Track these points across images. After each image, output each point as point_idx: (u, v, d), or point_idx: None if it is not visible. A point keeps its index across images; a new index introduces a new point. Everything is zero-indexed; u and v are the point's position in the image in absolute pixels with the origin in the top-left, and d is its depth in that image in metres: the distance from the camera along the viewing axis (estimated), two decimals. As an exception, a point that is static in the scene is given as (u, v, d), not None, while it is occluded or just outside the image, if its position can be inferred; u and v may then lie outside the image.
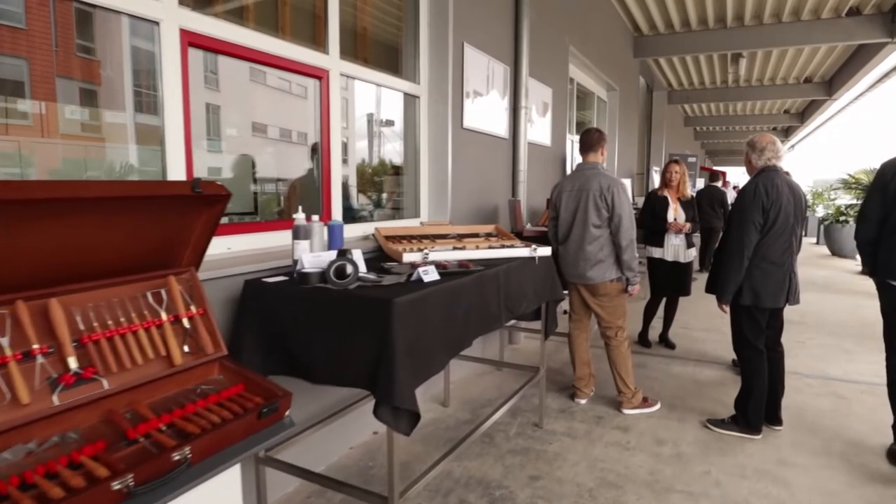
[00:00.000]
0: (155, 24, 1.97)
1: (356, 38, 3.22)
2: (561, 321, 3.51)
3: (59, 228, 1.17)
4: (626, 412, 3.13)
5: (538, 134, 4.90)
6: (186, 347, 1.38)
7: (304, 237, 2.01)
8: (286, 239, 2.32)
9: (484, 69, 3.84)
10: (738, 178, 16.31)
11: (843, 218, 11.09)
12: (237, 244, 2.30)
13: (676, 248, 4.20)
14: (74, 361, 1.18)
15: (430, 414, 3.11)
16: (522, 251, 2.56)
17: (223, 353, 1.44)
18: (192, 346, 1.40)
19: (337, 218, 2.72)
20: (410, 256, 2.27)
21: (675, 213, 4.20)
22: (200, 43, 2.13)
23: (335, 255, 1.94)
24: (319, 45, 2.71)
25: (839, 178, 12.61)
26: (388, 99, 3.44)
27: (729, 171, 15.25)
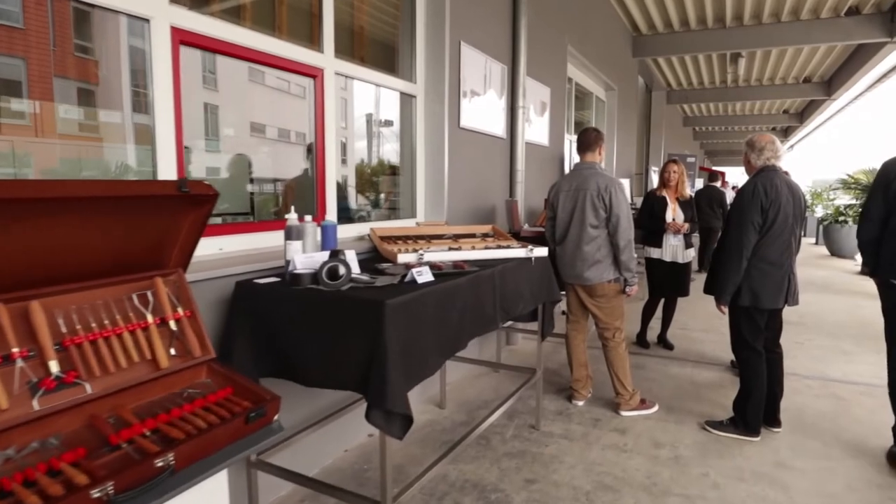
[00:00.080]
0: (145, 21, 1.95)
1: (353, 36, 3.19)
2: (558, 322, 3.48)
3: (40, 229, 1.14)
4: (623, 414, 3.10)
5: (536, 134, 4.88)
6: (173, 350, 1.35)
7: (296, 238, 1.99)
8: (280, 239, 2.29)
9: (481, 68, 3.82)
10: (737, 178, 16.30)
11: (842, 218, 11.07)
12: (229, 245, 2.27)
13: (675, 248, 4.17)
14: (56, 365, 1.15)
15: (426, 416, 3.08)
16: (519, 252, 2.53)
17: (211, 355, 1.41)
18: (178, 348, 1.37)
19: (331, 218, 2.69)
20: (405, 257, 2.25)
21: (673, 213, 4.18)
22: (192, 41, 2.10)
23: (328, 255, 1.92)
24: (315, 43, 2.68)
25: (838, 178, 12.59)
26: (387, 99, 3.41)
27: (728, 171, 15.24)
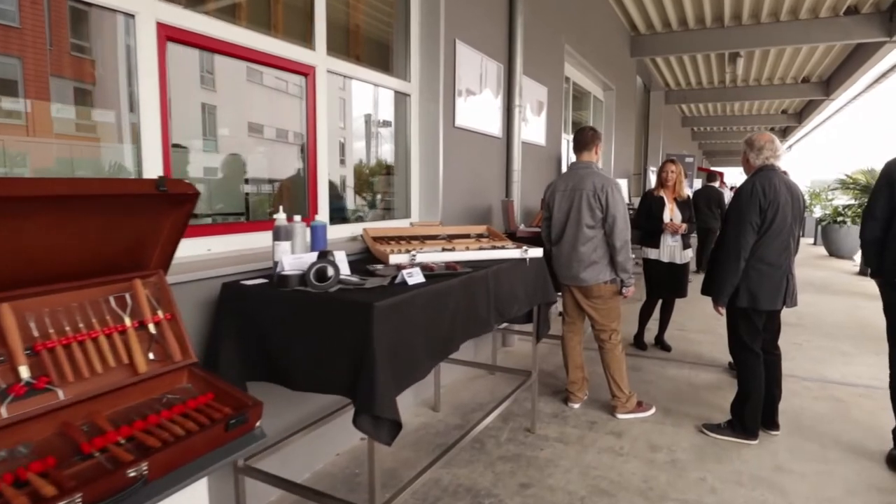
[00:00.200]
0: (130, 16, 1.90)
1: (348, 35, 3.15)
2: (555, 324, 3.44)
3: (11, 230, 1.10)
4: (619, 417, 3.06)
5: (533, 133, 4.84)
6: (152, 355, 1.31)
7: (284, 238, 1.94)
8: (270, 240, 2.25)
9: (477, 67, 3.78)
10: (735, 178, 16.28)
11: (840, 219, 11.04)
12: (219, 245, 2.23)
13: (672, 248, 4.13)
14: (26, 370, 1.11)
15: (419, 419, 3.04)
16: (513, 252, 2.49)
17: (192, 360, 1.37)
18: (158, 353, 1.33)
19: (322, 218, 2.65)
20: (397, 258, 2.21)
21: (671, 213, 4.14)
22: (179, 37, 2.06)
23: (316, 256, 1.88)
24: (308, 41, 2.64)
25: (837, 178, 12.57)
26: (385, 100, 3.38)
27: (727, 171, 15.21)
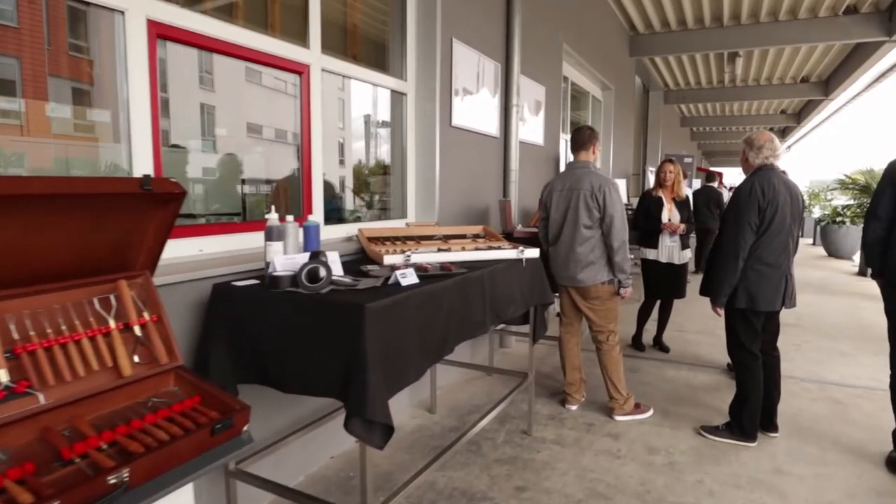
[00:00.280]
0: (120, 13, 1.87)
1: (346, 35, 3.13)
2: (552, 325, 3.42)
3: (-10, 229, 1.07)
4: (617, 419, 3.04)
5: (530, 133, 4.81)
6: (137, 357, 1.28)
7: (276, 238, 1.91)
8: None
9: (474, 66, 3.75)
10: (735, 179, 16.28)
11: (839, 219, 11.03)
12: (212, 246, 2.20)
13: (671, 249, 4.11)
14: (5, 374, 1.08)
15: (415, 420, 3.02)
16: (509, 253, 2.47)
17: (178, 362, 1.34)
18: (143, 355, 1.30)
19: (316, 218, 2.62)
20: (391, 258, 2.18)
21: (669, 213, 4.11)
22: (170, 35, 2.03)
23: (308, 257, 1.85)
24: (303, 40, 2.61)
25: (836, 178, 12.56)
26: (385, 100, 3.36)
27: (726, 171, 15.21)
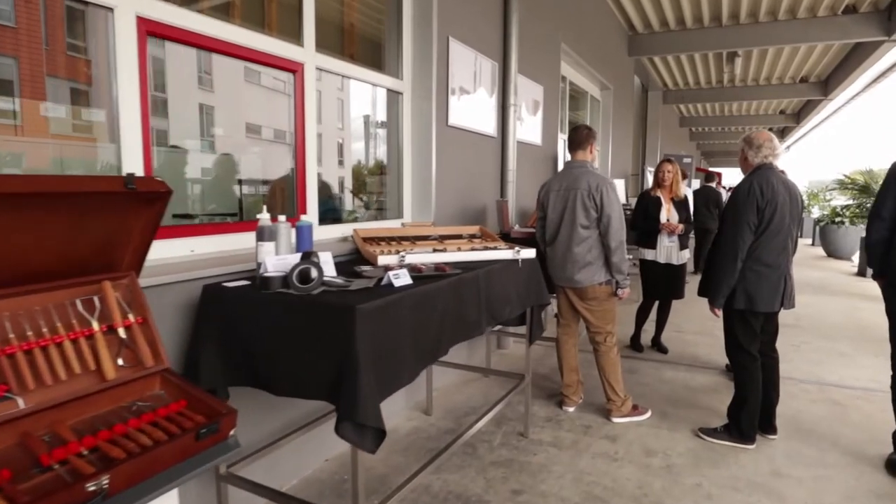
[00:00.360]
0: (109, 10, 1.85)
1: (343, 34, 3.10)
2: (550, 326, 3.39)
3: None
4: (615, 420, 3.01)
5: (528, 133, 4.78)
6: (121, 360, 1.25)
7: (268, 239, 1.88)
8: (255, 241, 2.20)
9: (471, 65, 3.72)
10: (734, 179, 16.26)
11: (838, 219, 11.02)
12: (205, 246, 2.17)
13: (669, 249, 4.08)
14: (-17, 378, 1.05)
15: (411, 422, 2.99)
16: (505, 253, 2.44)
17: (164, 365, 1.31)
18: (128, 358, 1.27)
19: (309, 218, 2.59)
20: (385, 259, 2.15)
21: (668, 213, 4.09)
22: (161, 32, 2.00)
23: (300, 258, 1.82)
24: (297, 38, 2.58)
25: (835, 178, 12.55)
26: (384, 100, 3.33)
27: (725, 172, 15.19)
